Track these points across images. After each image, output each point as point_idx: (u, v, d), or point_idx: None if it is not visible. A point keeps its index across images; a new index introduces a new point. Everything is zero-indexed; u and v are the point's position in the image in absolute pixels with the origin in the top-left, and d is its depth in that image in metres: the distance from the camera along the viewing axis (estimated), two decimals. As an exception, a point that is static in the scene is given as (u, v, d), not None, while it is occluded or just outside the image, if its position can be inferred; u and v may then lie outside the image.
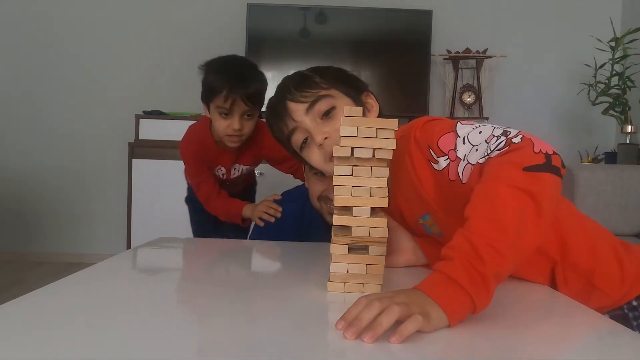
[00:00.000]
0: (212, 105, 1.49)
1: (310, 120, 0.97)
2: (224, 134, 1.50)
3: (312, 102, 0.97)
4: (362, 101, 1.03)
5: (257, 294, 0.81)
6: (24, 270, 3.00)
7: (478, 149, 0.80)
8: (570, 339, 0.63)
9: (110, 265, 0.98)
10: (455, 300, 0.63)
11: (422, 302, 0.62)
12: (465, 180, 0.81)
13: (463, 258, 0.64)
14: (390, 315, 0.59)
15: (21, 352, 0.52)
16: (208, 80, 1.49)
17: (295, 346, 0.57)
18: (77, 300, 0.72)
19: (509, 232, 0.66)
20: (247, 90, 1.46)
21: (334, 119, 0.96)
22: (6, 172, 3.30)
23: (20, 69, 3.29)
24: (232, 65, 1.53)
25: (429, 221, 0.94)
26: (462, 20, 3.21)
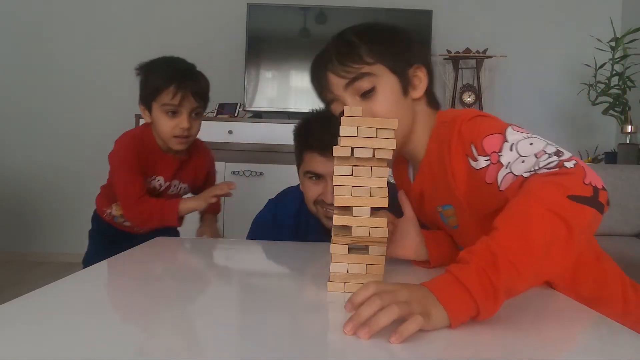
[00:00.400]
0: (156, 105, 1.40)
1: (349, 97, 0.92)
2: (171, 134, 1.41)
3: (353, 79, 0.90)
4: (408, 77, 0.94)
5: (256, 294, 0.81)
6: (23, 270, 3.00)
7: (525, 160, 0.76)
8: (570, 339, 0.63)
9: (110, 265, 0.98)
10: (460, 303, 0.62)
11: (425, 299, 0.62)
12: (503, 188, 0.78)
13: (479, 265, 0.63)
14: (388, 315, 0.59)
15: (21, 352, 0.52)
16: (151, 78, 1.41)
17: (295, 346, 0.57)
18: (77, 300, 0.72)
19: (534, 254, 0.64)
20: (197, 85, 1.42)
21: (372, 100, 0.91)
22: (6, 172, 3.30)
23: (20, 69, 3.29)
24: (175, 62, 1.46)
25: (449, 211, 0.92)
26: (462, 20, 3.21)
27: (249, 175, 2.68)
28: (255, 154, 2.71)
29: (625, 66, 2.75)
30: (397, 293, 0.62)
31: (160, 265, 1.05)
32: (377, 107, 0.90)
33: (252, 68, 3.01)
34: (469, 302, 0.62)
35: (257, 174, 2.69)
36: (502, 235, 0.65)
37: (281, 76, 3.06)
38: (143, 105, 1.45)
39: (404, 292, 0.63)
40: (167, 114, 1.40)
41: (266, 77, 3.06)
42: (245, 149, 2.72)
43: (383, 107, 0.90)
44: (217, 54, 3.22)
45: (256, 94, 3.01)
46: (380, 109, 0.90)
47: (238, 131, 2.74)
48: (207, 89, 1.47)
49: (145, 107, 1.44)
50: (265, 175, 2.69)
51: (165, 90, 1.38)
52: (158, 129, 1.43)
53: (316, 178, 1.26)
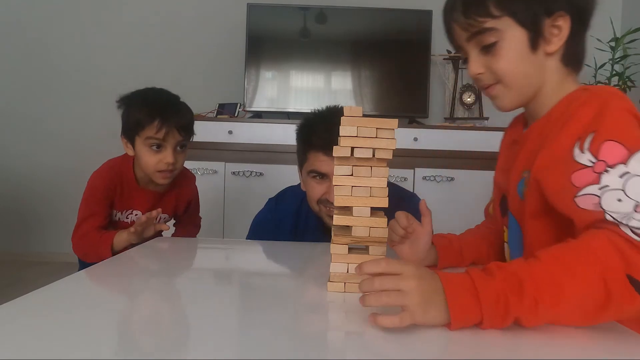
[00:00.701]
0: (139, 140, 1.38)
1: (471, 49, 0.85)
2: (155, 169, 1.39)
3: (475, 33, 0.83)
4: (541, 29, 0.81)
5: (256, 294, 0.81)
6: (23, 270, 3.00)
7: (623, 201, 0.65)
8: (570, 339, 0.63)
9: (110, 265, 0.98)
10: (467, 310, 0.61)
11: (430, 293, 0.62)
12: (579, 204, 0.69)
13: (503, 285, 0.62)
14: (378, 301, 0.62)
15: (21, 352, 0.52)
16: (134, 111, 1.39)
17: (295, 346, 0.57)
18: (76, 300, 0.72)
19: (560, 306, 0.62)
20: (181, 119, 1.39)
21: (494, 55, 0.83)
22: (6, 172, 3.30)
23: (20, 70, 3.29)
24: (159, 95, 1.43)
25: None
26: (462, 20, 3.20)
27: (249, 175, 2.68)
28: (255, 154, 2.71)
29: (625, 66, 2.75)
30: (401, 280, 0.62)
31: (160, 266, 1.05)
32: (498, 63, 0.83)
33: (252, 68, 3.00)
34: (477, 312, 0.61)
35: (257, 174, 2.69)
36: (539, 270, 0.63)
37: (281, 76, 3.06)
38: (126, 139, 1.42)
39: (410, 282, 0.62)
40: (151, 148, 1.38)
41: (266, 77, 3.06)
42: (245, 149, 2.72)
43: (504, 63, 0.82)
44: (217, 54, 3.22)
45: (256, 94, 3.01)
46: (501, 66, 0.83)
47: (238, 131, 2.74)
48: (192, 121, 1.44)
49: (127, 140, 1.42)
50: (265, 176, 2.69)
51: (149, 125, 1.35)
52: (142, 164, 1.40)
53: (320, 177, 1.26)
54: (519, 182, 0.85)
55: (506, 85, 0.84)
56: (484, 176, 2.69)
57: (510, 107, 0.87)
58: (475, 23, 0.82)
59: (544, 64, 0.84)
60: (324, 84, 3.06)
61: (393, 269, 0.63)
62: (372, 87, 3.06)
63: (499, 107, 0.87)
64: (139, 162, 1.41)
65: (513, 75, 0.83)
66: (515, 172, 0.87)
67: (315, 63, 3.05)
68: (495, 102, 0.87)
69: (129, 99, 1.43)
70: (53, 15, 3.27)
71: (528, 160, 0.83)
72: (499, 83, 0.84)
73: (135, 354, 0.53)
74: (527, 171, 0.83)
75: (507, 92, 0.85)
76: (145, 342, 0.57)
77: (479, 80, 0.87)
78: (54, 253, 3.24)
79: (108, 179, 1.42)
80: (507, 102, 0.86)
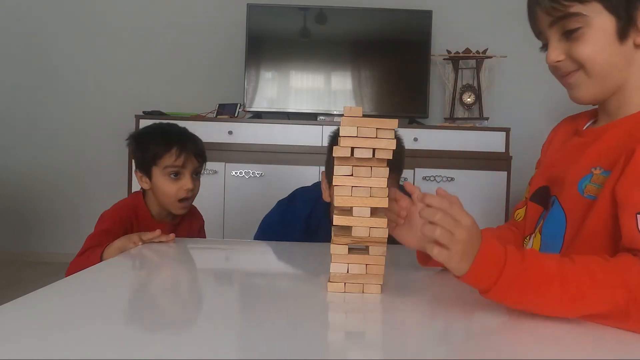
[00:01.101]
0: (157, 170, 1.40)
1: (552, 34, 0.82)
2: (175, 198, 1.41)
3: (559, 18, 0.79)
4: (633, 18, 0.78)
5: (256, 294, 0.81)
6: (23, 270, 3.00)
7: None
8: (570, 339, 0.63)
9: (110, 265, 0.98)
10: (484, 277, 0.66)
11: (468, 248, 0.65)
12: (639, 222, 0.69)
13: (529, 273, 0.65)
14: (433, 232, 0.65)
15: (21, 352, 0.52)
16: (150, 143, 1.42)
17: (296, 346, 0.57)
18: (76, 300, 0.72)
19: (576, 307, 0.66)
20: (197, 146, 1.45)
21: (577, 41, 0.79)
22: (6, 172, 3.30)
23: (21, 70, 3.29)
24: (171, 126, 1.48)
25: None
26: (462, 20, 3.20)
27: (249, 175, 2.68)
28: (255, 154, 2.71)
29: (625, 66, 2.75)
30: (457, 227, 0.65)
31: (160, 266, 1.05)
32: (580, 51, 0.79)
33: (252, 68, 3.00)
34: (491, 281, 0.65)
35: (257, 175, 2.69)
36: (573, 272, 0.65)
37: (281, 76, 3.06)
38: (141, 173, 1.44)
39: (463, 231, 0.65)
40: (169, 177, 1.40)
41: (266, 78, 3.06)
42: (245, 150, 2.72)
43: (586, 51, 0.78)
44: (217, 54, 3.22)
45: (256, 95, 3.01)
46: (583, 53, 0.79)
47: (238, 131, 2.74)
48: (204, 149, 1.49)
49: (143, 174, 1.43)
50: (265, 176, 2.69)
51: (168, 153, 1.39)
52: (161, 194, 1.42)
53: None
54: (583, 176, 0.81)
55: (588, 73, 0.80)
56: (484, 176, 2.70)
57: (589, 98, 0.83)
58: (560, 7, 0.79)
59: (632, 57, 0.79)
60: (324, 84, 3.06)
61: (454, 212, 0.66)
62: (372, 87, 3.06)
63: (577, 97, 0.84)
64: (157, 193, 1.43)
65: (596, 62, 0.79)
66: (581, 165, 0.82)
67: (315, 63, 3.05)
68: (573, 91, 0.84)
69: (141, 134, 1.48)
70: (53, 15, 3.27)
71: (602, 157, 0.79)
72: (580, 70, 0.80)
73: (136, 353, 0.53)
74: (598, 167, 0.79)
75: (587, 81, 0.81)
76: (146, 342, 0.57)
77: (558, 68, 0.83)
78: (54, 253, 3.24)
79: (124, 214, 1.41)
80: (585, 93, 0.82)
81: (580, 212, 0.79)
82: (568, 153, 0.89)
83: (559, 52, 0.81)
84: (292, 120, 2.87)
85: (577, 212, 0.80)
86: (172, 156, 1.39)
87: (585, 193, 0.80)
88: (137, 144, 1.46)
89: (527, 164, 3.07)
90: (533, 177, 0.98)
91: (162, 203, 1.44)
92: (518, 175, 2.76)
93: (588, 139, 0.86)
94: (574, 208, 0.82)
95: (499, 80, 3.19)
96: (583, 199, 0.79)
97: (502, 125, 2.83)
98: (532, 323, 0.68)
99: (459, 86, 3.07)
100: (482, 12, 3.22)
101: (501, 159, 2.71)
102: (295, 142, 2.72)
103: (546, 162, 0.96)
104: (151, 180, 1.42)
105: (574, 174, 0.83)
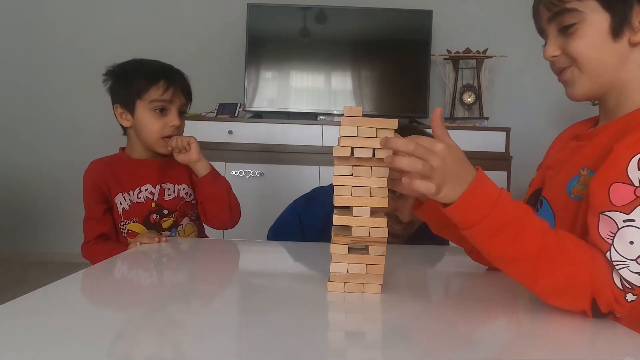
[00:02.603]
0: (142, 103, 1.30)
1: (551, 30, 0.84)
2: (160, 135, 1.30)
3: (556, 13, 0.82)
4: (628, 17, 0.79)
5: (257, 294, 0.81)
6: (24, 270, 3.01)
7: (634, 243, 0.66)
8: (570, 339, 0.63)
9: (110, 265, 0.98)
10: (470, 212, 0.67)
11: (453, 175, 0.67)
12: (600, 223, 0.70)
13: (518, 226, 0.67)
14: (412, 166, 0.66)
15: (21, 352, 0.52)
16: (135, 75, 1.31)
17: (295, 346, 0.57)
18: (76, 300, 0.72)
19: (539, 276, 0.68)
20: (184, 81, 1.34)
21: (571, 37, 0.80)
22: (8, 171, 3.30)
23: (21, 69, 3.30)
24: (155, 61, 1.36)
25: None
26: (462, 20, 3.20)
27: (249, 175, 2.68)
28: (255, 154, 2.72)
29: (625, 66, 2.75)
30: (431, 155, 0.66)
31: (161, 265, 1.06)
32: (573, 46, 0.80)
33: (252, 68, 3.01)
34: (476, 218, 0.67)
35: (257, 174, 2.69)
36: (552, 243, 0.68)
37: (281, 76, 3.06)
38: (122, 108, 1.33)
39: (437, 159, 0.66)
40: (155, 112, 1.30)
41: (266, 77, 3.06)
42: (245, 149, 2.72)
43: (579, 47, 0.80)
44: (217, 54, 3.22)
45: (256, 94, 3.01)
46: (576, 49, 0.80)
47: (238, 131, 2.74)
48: (190, 86, 1.38)
49: (124, 110, 1.33)
50: (265, 176, 2.69)
51: (154, 86, 1.29)
52: (145, 131, 1.31)
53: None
54: (572, 178, 0.82)
55: (580, 69, 0.81)
56: (484, 176, 2.70)
57: (583, 95, 0.84)
58: (558, 3, 0.81)
59: (626, 55, 0.80)
60: (324, 84, 3.06)
61: (424, 143, 0.67)
62: (372, 87, 3.06)
63: (571, 94, 0.85)
64: (140, 130, 1.32)
65: (587, 57, 0.80)
66: (572, 166, 0.84)
67: (315, 63, 3.05)
68: (568, 89, 0.85)
69: (124, 66, 1.35)
70: (53, 14, 3.28)
71: (591, 158, 0.80)
72: (573, 66, 0.82)
73: (136, 354, 0.53)
74: (586, 169, 0.80)
75: (580, 77, 0.82)
76: (145, 341, 0.57)
77: (553, 64, 0.84)
78: (56, 253, 3.24)
79: (94, 171, 1.35)
80: (579, 89, 0.83)
81: (568, 213, 0.81)
82: (563, 156, 0.90)
83: (555, 48, 0.83)
84: (292, 120, 2.87)
85: (566, 213, 0.82)
86: (159, 89, 1.29)
87: (572, 194, 0.81)
88: (118, 77, 1.34)
89: (527, 164, 3.07)
90: (532, 179, 0.99)
91: (146, 141, 1.33)
92: (518, 175, 2.76)
93: (583, 142, 0.86)
94: (562, 209, 0.83)
95: (499, 80, 3.19)
96: (570, 200, 0.81)
97: (502, 125, 2.83)
98: (532, 323, 0.69)
99: (459, 86, 3.07)
100: (482, 12, 3.22)
101: (501, 159, 2.71)
102: (295, 142, 2.72)
103: (544, 165, 0.97)
104: (134, 117, 1.32)
105: (564, 176, 0.84)
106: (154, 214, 1.33)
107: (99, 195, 1.33)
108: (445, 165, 0.66)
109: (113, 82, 1.35)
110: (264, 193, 2.62)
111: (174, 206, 1.35)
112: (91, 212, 1.34)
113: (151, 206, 1.33)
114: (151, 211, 1.33)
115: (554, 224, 0.84)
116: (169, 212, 1.34)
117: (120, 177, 1.33)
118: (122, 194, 1.33)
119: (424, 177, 0.67)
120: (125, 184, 1.33)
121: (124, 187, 1.33)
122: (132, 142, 1.38)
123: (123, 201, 1.33)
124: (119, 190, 1.33)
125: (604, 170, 0.72)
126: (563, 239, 0.69)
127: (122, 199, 1.33)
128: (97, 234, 1.33)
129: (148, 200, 1.33)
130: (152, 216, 1.33)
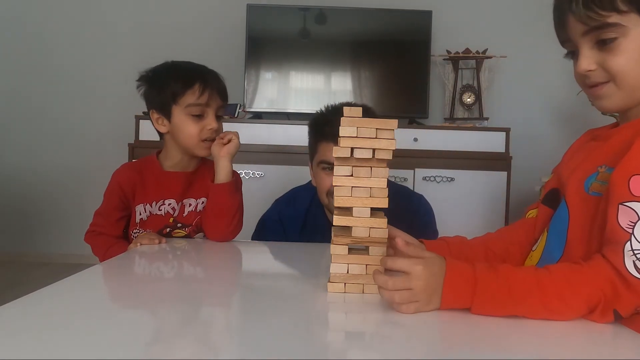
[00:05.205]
0: (178, 109, 1.27)
1: (584, 43, 0.80)
2: (199, 139, 1.28)
3: (595, 27, 0.77)
4: None
5: (257, 294, 0.81)
6: (24, 271, 3.00)
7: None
8: (570, 339, 0.63)
9: (111, 265, 0.98)
10: (459, 299, 0.69)
11: (432, 290, 0.69)
12: (619, 214, 0.71)
13: (508, 283, 0.69)
14: (392, 298, 0.69)
15: (21, 352, 0.52)
16: (169, 80, 1.28)
17: (295, 346, 0.57)
18: (77, 301, 0.72)
19: (560, 310, 0.69)
20: (219, 82, 1.31)
21: (611, 52, 0.77)
22: (9, 171, 3.30)
23: (22, 70, 3.30)
24: (188, 63, 1.33)
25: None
26: (462, 20, 3.20)
27: (249, 176, 2.68)
28: (255, 154, 2.71)
29: (625, 66, 2.75)
30: (411, 281, 0.69)
31: (161, 266, 1.06)
32: (615, 60, 0.77)
33: (252, 69, 3.00)
34: (466, 300, 0.69)
35: (257, 175, 2.69)
36: (548, 279, 0.69)
37: (281, 77, 3.06)
38: (158, 113, 1.30)
39: (419, 282, 0.69)
40: (192, 117, 1.27)
41: (266, 78, 3.06)
42: (245, 150, 2.71)
43: (621, 62, 0.77)
44: (217, 55, 3.20)
45: (256, 95, 3.01)
46: (617, 65, 0.77)
47: (238, 132, 2.73)
48: (225, 86, 1.36)
49: (160, 115, 1.30)
50: (265, 176, 2.69)
51: (190, 90, 1.26)
52: (183, 135, 1.28)
53: (330, 169, 1.26)
54: (590, 175, 0.82)
55: (618, 85, 0.79)
56: (484, 176, 2.70)
57: (616, 108, 0.83)
58: (596, 16, 0.76)
59: None
60: (324, 84, 3.06)
61: (404, 268, 0.70)
62: (372, 87, 3.06)
63: (604, 107, 0.83)
64: (178, 135, 1.29)
65: (629, 74, 0.78)
66: (589, 164, 0.83)
67: (315, 63, 3.05)
68: (601, 102, 0.83)
69: (157, 71, 1.32)
70: (54, 15, 3.28)
71: (610, 156, 0.79)
72: (610, 82, 0.79)
73: (136, 353, 0.53)
74: (604, 166, 0.79)
75: (617, 92, 0.80)
76: (145, 342, 0.57)
77: (587, 77, 0.82)
78: (55, 253, 3.24)
79: (123, 176, 1.32)
80: (614, 104, 0.82)
81: (586, 210, 0.80)
82: (581, 156, 0.89)
83: (591, 62, 0.80)
84: (292, 120, 2.87)
85: (583, 210, 0.81)
86: (195, 93, 1.26)
87: (590, 190, 0.80)
88: (151, 83, 1.32)
89: (527, 164, 3.09)
90: (547, 181, 0.98)
91: (185, 146, 1.30)
92: (518, 176, 2.76)
93: (600, 141, 0.86)
94: (578, 206, 0.82)
95: (499, 80, 3.19)
96: (588, 196, 0.80)
97: (502, 126, 2.83)
98: (532, 323, 0.69)
99: (459, 86, 3.07)
100: (482, 12, 3.22)
101: (501, 159, 2.71)
102: (295, 142, 2.72)
103: (560, 167, 0.97)
104: (170, 122, 1.29)
105: (581, 173, 0.83)
106: (169, 228, 1.32)
107: (120, 202, 1.31)
108: (428, 285, 0.69)
109: (147, 88, 1.33)
110: (264, 194, 2.61)
111: (191, 221, 1.33)
112: (107, 212, 1.31)
113: (169, 221, 1.32)
114: (167, 225, 1.32)
115: (567, 222, 0.83)
116: (183, 226, 1.33)
117: (147, 189, 1.31)
118: (144, 204, 1.31)
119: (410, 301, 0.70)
120: (150, 195, 1.31)
121: (148, 199, 1.31)
122: (168, 147, 1.34)
123: (143, 212, 1.31)
124: (142, 200, 1.31)
125: (625, 163, 0.73)
126: (557, 269, 0.71)
127: (143, 210, 1.32)
128: (103, 232, 1.32)
129: (168, 214, 1.32)
130: (166, 229, 1.31)
